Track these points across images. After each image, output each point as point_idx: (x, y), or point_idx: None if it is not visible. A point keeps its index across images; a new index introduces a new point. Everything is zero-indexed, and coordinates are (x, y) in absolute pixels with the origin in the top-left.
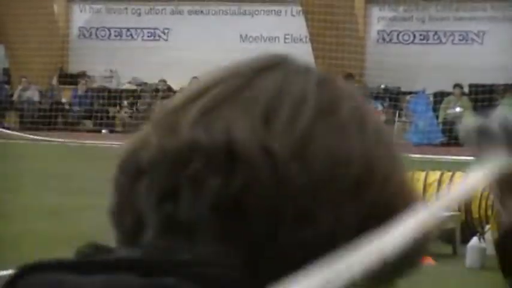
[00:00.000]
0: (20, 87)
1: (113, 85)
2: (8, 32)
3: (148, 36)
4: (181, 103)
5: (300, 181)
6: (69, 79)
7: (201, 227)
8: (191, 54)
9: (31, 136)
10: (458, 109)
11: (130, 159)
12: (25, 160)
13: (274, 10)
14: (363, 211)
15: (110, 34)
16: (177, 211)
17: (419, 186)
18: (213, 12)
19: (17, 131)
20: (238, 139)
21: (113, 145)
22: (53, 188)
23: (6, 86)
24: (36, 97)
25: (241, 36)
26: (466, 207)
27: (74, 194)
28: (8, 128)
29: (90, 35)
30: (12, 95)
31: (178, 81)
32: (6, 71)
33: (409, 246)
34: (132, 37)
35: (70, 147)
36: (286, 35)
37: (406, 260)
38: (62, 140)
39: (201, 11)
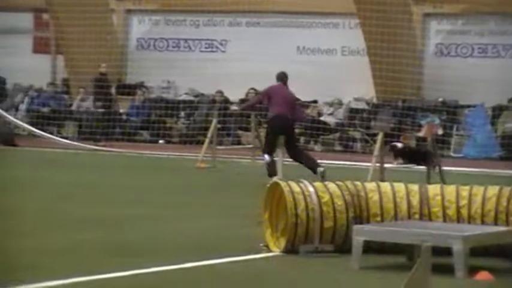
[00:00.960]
0: (78, 97)
1: (170, 96)
2: (67, 42)
3: (206, 48)
4: None
5: None
6: (127, 90)
7: None
8: (248, 65)
9: (89, 146)
10: None
11: None
12: (83, 170)
13: (332, 22)
14: None
15: (168, 45)
16: None
17: (478, 200)
18: (271, 24)
19: (75, 141)
20: None
21: (169, 156)
22: (109, 198)
23: (65, 96)
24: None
25: (298, 48)
26: None
27: (129, 204)
28: (66, 138)
29: (148, 46)
30: (71, 105)
31: (235, 93)
32: (65, 81)
33: None
34: (190, 48)
35: (127, 157)
36: (343, 48)
37: None
38: (120, 150)
39: (258, 23)
